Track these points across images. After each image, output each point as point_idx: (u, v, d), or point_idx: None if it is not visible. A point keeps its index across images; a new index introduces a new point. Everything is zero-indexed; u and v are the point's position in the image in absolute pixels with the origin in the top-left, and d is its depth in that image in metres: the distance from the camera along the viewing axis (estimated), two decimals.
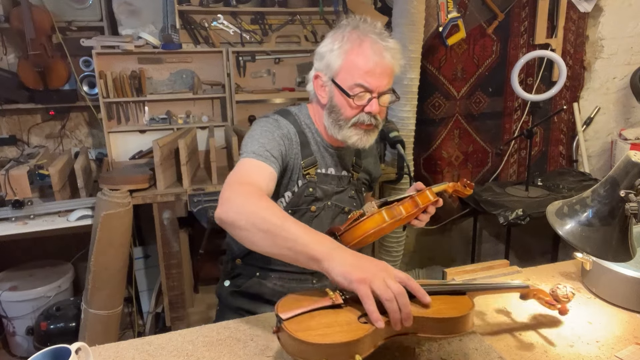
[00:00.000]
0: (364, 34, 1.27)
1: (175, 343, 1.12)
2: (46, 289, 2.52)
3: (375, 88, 1.26)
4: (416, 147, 2.83)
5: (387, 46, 1.27)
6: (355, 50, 1.26)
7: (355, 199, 1.48)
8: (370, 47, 1.25)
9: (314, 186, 1.38)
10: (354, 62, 1.26)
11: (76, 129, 2.84)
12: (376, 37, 1.27)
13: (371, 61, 1.25)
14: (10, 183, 2.25)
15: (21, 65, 2.51)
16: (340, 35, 1.29)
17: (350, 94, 1.26)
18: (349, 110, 1.29)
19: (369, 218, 1.16)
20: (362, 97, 1.27)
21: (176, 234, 2.40)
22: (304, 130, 1.38)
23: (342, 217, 1.43)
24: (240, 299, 1.47)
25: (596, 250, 1.07)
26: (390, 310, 0.88)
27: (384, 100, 1.31)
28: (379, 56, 1.25)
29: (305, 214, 1.38)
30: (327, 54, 1.30)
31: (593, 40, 3.26)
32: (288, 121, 1.36)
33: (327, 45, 1.31)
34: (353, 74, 1.26)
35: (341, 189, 1.43)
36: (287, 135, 1.33)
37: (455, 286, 1.08)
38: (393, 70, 1.29)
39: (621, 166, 1.03)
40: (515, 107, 3.21)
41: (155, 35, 2.66)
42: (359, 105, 1.28)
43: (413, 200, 1.24)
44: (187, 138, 2.38)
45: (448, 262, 3.38)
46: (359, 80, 1.26)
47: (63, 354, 0.93)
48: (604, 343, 1.10)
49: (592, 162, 3.48)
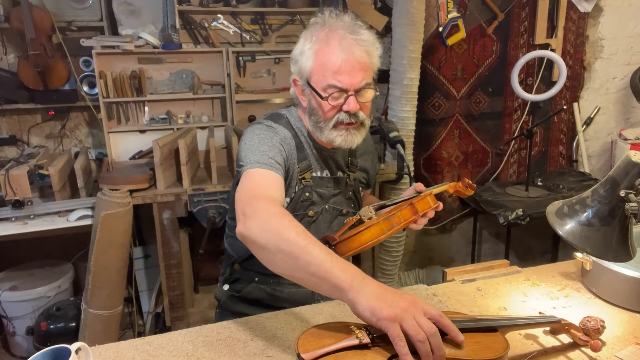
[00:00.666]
0: (332, 31, 1.23)
1: (175, 343, 1.12)
2: (46, 289, 2.52)
3: (349, 86, 1.22)
4: (416, 147, 2.83)
5: (358, 39, 1.22)
6: (323, 49, 1.22)
7: (353, 200, 1.46)
8: (338, 44, 1.21)
9: (310, 190, 1.35)
10: (322, 63, 1.22)
11: (76, 129, 2.84)
12: (344, 32, 1.22)
13: (339, 59, 1.20)
14: (10, 183, 2.25)
15: (21, 65, 2.51)
16: (310, 35, 1.26)
17: (324, 95, 1.23)
18: (327, 111, 1.25)
19: (366, 230, 1.11)
20: (338, 97, 1.23)
21: (176, 234, 2.40)
22: (297, 134, 1.35)
23: (339, 219, 1.42)
24: (240, 304, 1.45)
25: (596, 250, 1.07)
26: (423, 352, 0.83)
27: (365, 96, 1.26)
28: (347, 52, 1.20)
29: (303, 219, 1.36)
30: (299, 57, 1.27)
31: (593, 40, 3.26)
32: (282, 125, 1.33)
33: (299, 47, 1.28)
34: (324, 74, 1.22)
35: (338, 191, 1.41)
36: (285, 139, 1.30)
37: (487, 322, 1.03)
38: (368, 63, 1.24)
39: (621, 166, 1.03)
40: (515, 107, 3.21)
41: (155, 35, 2.66)
42: (335, 106, 1.24)
43: (412, 207, 1.21)
44: (187, 138, 2.38)
45: (448, 262, 3.38)
46: (331, 81, 1.22)
47: (63, 354, 0.93)
48: (604, 343, 1.10)
49: (592, 162, 3.48)
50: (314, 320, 1.21)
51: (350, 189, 1.45)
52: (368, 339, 0.91)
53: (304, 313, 1.25)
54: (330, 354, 0.88)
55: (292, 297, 1.41)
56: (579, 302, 1.28)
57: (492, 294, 1.34)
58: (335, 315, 1.24)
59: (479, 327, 1.01)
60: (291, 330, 1.16)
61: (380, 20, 2.92)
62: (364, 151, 1.52)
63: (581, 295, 1.32)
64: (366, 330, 0.94)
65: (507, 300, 1.30)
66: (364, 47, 1.23)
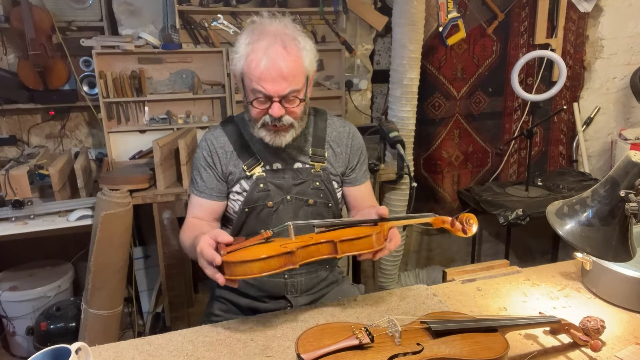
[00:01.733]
0: (262, 35, 1.27)
1: (175, 343, 1.12)
2: (46, 289, 2.51)
3: (273, 93, 1.27)
4: (416, 147, 2.83)
5: (285, 48, 1.25)
6: (252, 54, 1.26)
7: (324, 191, 1.45)
8: (264, 52, 1.24)
9: (264, 182, 1.40)
10: (249, 67, 1.27)
11: (76, 129, 2.84)
12: (273, 40, 1.25)
13: (262, 66, 1.24)
14: (10, 183, 2.25)
15: (21, 65, 2.50)
16: (245, 35, 1.30)
17: (250, 98, 1.30)
18: (254, 111, 1.32)
19: (244, 263, 1.04)
20: (264, 101, 1.29)
21: (176, 234, 2.40)
22: (242, 135, 1.44)
23: (306, 210, 1.44)
24: (222, 289, 1.52)
25: (596, 250, 1.07)
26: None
27: (292, 102, 1.30)
28: (271, 61, 1.24)
29: (263, 210, 1.41)
30: (234, 56, 1.31)
31: (593, 40, 3.26)
32: (224, 131, 1.45)
33: (235, 45, 1.32)
34: (250, 78, 1.27)
35: (300, 182, 1.43)
36: (211, 152, 1.44)
37: (487, 322, 1.04)
38: (295, 71, 1.27)
39: (621, 166, 1.03)
40: (515, 107, 3.21)
41: (155, 35, 2.66)
42: (261, 109, 1.30)
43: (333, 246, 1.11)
44: (187, 138, 2.38)
45: (448, 262, 3.38)
46: (255, 86, 1.27)
47: (63, 354, 0.93)
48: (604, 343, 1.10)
49: (592, 162, 3.48)
50: (314, 320, 1.21)
51: (317, 179, 1.45)
52: (368, 339, 0.91)
53: (304, 313, 1.25)
54: (330, 354, 0.88)
55: (263, 286, 1.47)
56: (579, 302, 1.28)
57: (492, 294, 1.34)
58: (336, 315, 1.24)
59: (479, 327, 1.02)
60: (291, 330, 1.17)
61: (380, 20, 2.92)
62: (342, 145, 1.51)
63: (581, 295, 1.32)
64: (366, 331, 0.94)
65: (507, 300, 1.30)
66: (291, 57, 1.26)
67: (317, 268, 1.50)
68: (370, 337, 0.92)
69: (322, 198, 1.46)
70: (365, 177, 1.57)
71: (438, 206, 3.19)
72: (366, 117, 3.09)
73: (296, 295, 1.47)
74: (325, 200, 1.46)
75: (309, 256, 1.10)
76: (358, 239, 1.11)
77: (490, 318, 1.08)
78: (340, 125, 1.53)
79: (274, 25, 1.30)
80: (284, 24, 1.31)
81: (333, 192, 1.49)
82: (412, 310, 1.25)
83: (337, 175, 1.51)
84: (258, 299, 1.47)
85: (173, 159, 2.45)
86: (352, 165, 1.53)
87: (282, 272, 1.42)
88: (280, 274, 1.43)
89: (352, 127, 1.56)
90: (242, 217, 1.43)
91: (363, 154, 1.57)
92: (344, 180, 1.53)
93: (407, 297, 1.32)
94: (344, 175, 1.53)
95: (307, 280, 1.48)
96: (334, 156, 1.50)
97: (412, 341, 0.95)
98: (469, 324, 1.02)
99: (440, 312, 1.19)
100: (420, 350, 0.93)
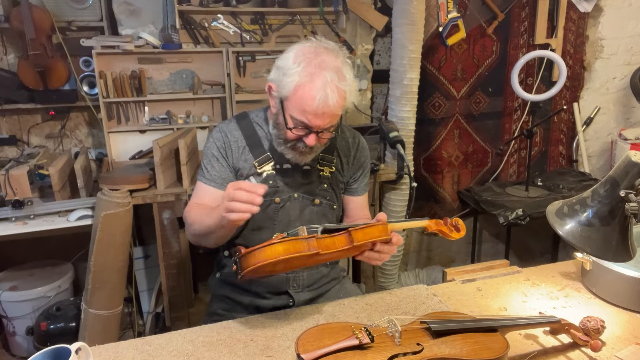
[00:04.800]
0: (321, 69, 1.27)
1: (175, 343, 1.12)
2: (46, 289, 2.51)
3: (315, 127, 1.30)
4: (416, 147, 2.83)
5: (339, 87, 1.27)
6: (307, 86, 1.26)
7: (330, 193, 1.49)
8: (322, 87, 1.25)
9: (274, 179, 1.43)
10: (301, 98, 1.27)
11: (76, 129, 2.84)
12: (331, 75, 1.26)
13: (316, 103, 1.25)
14: (10, 183, 2.25)
15: (21, 65, 2.50)
16: (302, 58, 1.29)
17: (290, 125, 1.31)
18: (288, 133, 1.33)
19: (267, 247, 1.04)
20: (301, 129, 1.31)
21: (176, 234, 2.40)
22: (256, 132, 1.46)
23: (311, 209, 1.46)
24: (224, 287, 1.53)
25: (596, 250, 1.07)
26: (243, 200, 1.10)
27: (325, 134, 1.34)
28: (324, 99, 1.25)
29: (270, 205, 1.43)
30: (283, 72, 1.31)
31: (593, 40, 3.26)
32: (238, 126, 1.47)
33: (286, 60, 1.32)
34: (297, 108, 1.28)
35: (308, 182, 1.46)
36: (225, 143, 1.45)
37: (487, 322, 1.05)
38: (340, 108, 1.30)
39: (621, 166, 1.03)
40: (515, 107, 3.21)
41: (155, 35, 2.66)
42: (298, 135, 1.32)
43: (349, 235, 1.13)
44: (187, 138, 2.38)
45: (448, 262, 3.38)
46: (300, 117, 1.29)
47: (63, 354, 0.93)
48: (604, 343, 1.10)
49: (592, 162, 3.48)
50: (314, 320, 1.21)
51: (326, 181, 1.49)
52: (368, 339, 0.91)
53: (304, 313, 1.25)
54: (330, 354, 0.88)
55: (265, 282, 1.47)
56: (579, 302, 1.28)
57: (492, 294, 1.34)
58: (336, 315, 1.24)
59: (479, 327, 1.02)
60: (291, 330, 1.17)
61: (380, 20, 2.92)
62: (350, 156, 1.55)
63: (581, 295, 1.32)
64: (366, 331, 0.94)
65: (507, 300, 1.30)
66: (343, 94, 1.29)
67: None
68: (370, 337, 0.92)
69: (329, 200, 1.49)
70: (365, 190, 1.62)
71: (438, 206, 3.19)
72: (366, 117, 3.08)
73: (298, 290, 1.48)
74: (331, 202, 1.50)
75: (327, 248, 1.08)
76: (370, 227, 1.13)
77: (490, 318, 1.08)
78: (349, 135, 1.57)
79: (331, 57, 1.30)
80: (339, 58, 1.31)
81: (339, 196, 1.54)
82: (412, 310, 1.25)
83: (342, 182, 1.55)
84: (260, 296, 1.48)
85: (173, 159, 2.45)
86: (356, 176, 1.58)
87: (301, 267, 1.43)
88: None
89: (361, 138, 1.60)
90: None
91: (367, 167, 1.61)
92: (346, 189, 1.58)
93: (407, 297, 1.32)
94: (347, 184, 1.57)
95: (309, 275, 1.49)
96: (341, 164, 1.54)
97: (412, 341, 0.95)
98: (469, 324, 1.02)
99: (440, 312, 1.19)
100: (420, 350, 0.93)
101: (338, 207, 1.53)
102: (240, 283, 1.16)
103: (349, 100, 1.32)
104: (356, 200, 1.59)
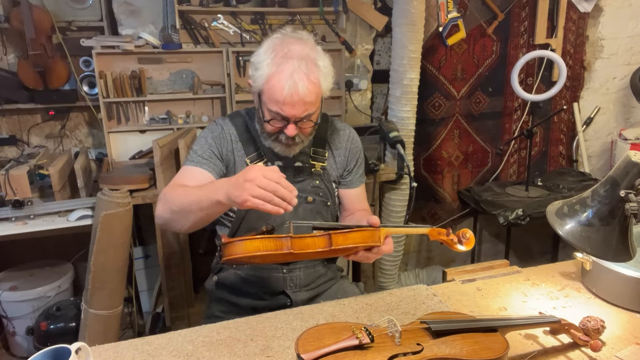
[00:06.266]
0: (287, 59, 1.27)
1: (175, 343, 1.12)
2: (46, 289, 2.51)
3: (291, 116, 1.30)
4: (416, 147, 2.83)
5: (308, 74, 1.27)
6: (276, 76, 1.27)
7: (323, 190, 1.49)
8: (289, 75, 1.26)
9: None
10: (272, 88, 1.28)
11: (76, 129, 2.84)
12: (298, 63, 1.27)
13: (285, 92, 1.26)
14: (10, 183, 2.25)
15: (21, 65, 2.50)
16: (271, 50, 1.31)
17: (267, 118, 1.32)
18: (269, 128, 1.35)
19: (249, 240, 1.07)
20: (279, 121, 1.32)
21: (176, 234, 2.40)
22: (248, 130, 1.47)
23: (305, 207, 1.46)
24: (222, 290, 1.53)
25: (596, 250, 1.07)
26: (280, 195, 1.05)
27: (306, 123, 1.34)
28: (294, 87, 1.26)
29: None
30: (255, 68, 1.32)
31: (593, 40, 3.26)
32: (232, 123, 1.47)
33: (259, 57, 1.33)
34: (270, 99, 1.30)
35: (301, 179, 1.46)
36: (221, 135, 1.44)
37: (487, 322, 1.05)
38: (314, 95, 1.30)
39: (621, 166, 1.03)
40: (515, 107, 3.21)
41: (155, 35, 2.66)
42: (277, 127, 1.33)
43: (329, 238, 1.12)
44: (187, 138, 2.38)
45: (448, 262, 3.38)
46: (274, 108, 1.30)
47: (63, 354, 0.93)
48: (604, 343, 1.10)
49: (592, 162, 3.48)
50: (314, 320, 1.21)
51: (317, 177, 1.49)
52: (368, 339, 0.91)
53: (304, 313, 1.25)
54: (330, 354, 0.88)
55: (262, 282, 1.48)
56: (579, 302, 1.28)
57: (492, 294, 1.34)
58: (336, 315, 1.24)
59: (479, 327, 1.02)
60: (291, 330, 1.17)
61: (380, 20, 2.92)
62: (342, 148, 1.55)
63: (581, 295, 1.32)
64: (366, 331, 0.94)
65: (507, 300, 1.30)
66: (312, 84, 1.29)
67: (315, 263, 1.52)
68: (370, 337, 0.92)
69: (322, 197, 1.49)
70: (361, 181, 1.61)
71: (438, 206, 3.19)
72: (366, 117, 3.09)
73: (295, 290, 1.48)
74: (325, 198, 1.50)
75: (305, 247, 1.09)
76: (352, 232, 1.13)
77: (490, 318, 1.08)
78: (340, 128, 1.57)
79: (298, 45, 1.31)
80: (307, 45, 1.32)
81: (332, 191, 1.53)
82: (412, 310, 1.25)
83: (335, 176, 1.54)
84: (258, 297, 1.48)
85: (173, 159, 2.45)
86: (350, 168, 1.58)
87: (280, 265, 1.44)
88: (278, 268, 1.45)
89: (351, 130, 1.60)
90: (242, 211, 1.45)
91: (360, 158, 1.61)
92: (340, 182, 1.57)
93: (407, 297, 1.32)
94: (340, 177, 1.57)
95: (306, 275, 1.49)
96: (333, 158, 1.54)
97: (412, 341, 0.95)
98: (469, 324, 1.02)
99: (440, 312, 1.19)
100: (420, 350, 0.93)
101: (332, 203, 1.52)
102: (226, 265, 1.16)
103: (323, 85, 1.33)
104: (352, 192, 1.59)
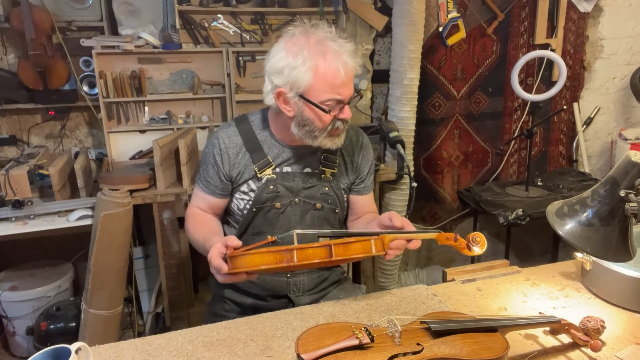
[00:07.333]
0: (323, 44, 1.27)
1: (175, 343, 1.12)
2: (46, 289, 2.51)
3: (346, 97, 1.30)
4: (416, 147, 2.83)
5: (347, 50, 1.28)
6: (322, 66, 1.26)
7: (332, 197, 1.47)
8: (335, 58, 1.26)
9: (274, 183, 1.41)
10: (325, 79, 1.26)
11: (76, 129, 2.84)
12: (335, 45, 1.27)
13: (342, 72, 1.26)
14: (10, 183, 2.25)
15: (21, 65, 2.50)
16: (298, 48, 1.27)
17: (326, 109, 1.29)
18: (323, 121, 1.32)
19: (254, 254, 1.09)
20: (335, 107, 1.30)
21: (176, 234, 2.40)
22: (255, 137, 1.44)
23: (313, 214, 1.45)
24: (224, 289, 1.54)
25: (596, 250, 1.07)
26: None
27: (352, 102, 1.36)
28: (344, 65, 1.26)
29: (270, 210, 1.42)
30: (288, 71, 1.28)
31: (593, 40, 3.26)
32: (238, 130, 1.45)
33: (284, 60, 1.29)
34: (326, 88, 1.27)
35: (310, 186, 1.44)
36: (223, 151, 1.43)
37: (487, 322, 1.05)
38: (358, 69, 1.32)
39: (621, 166, 1.03)
40: (515, 107, 3.21)
41: (155, 35, 2.66)
42: (334, 115, 1.31)
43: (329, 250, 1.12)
44: (187, 138, 2.38)
45: (448, 262, 3.38)
46: (333, 95, 1.28)
47: (63, 354, 0.93)
48: (604, 343, 1.10)
49: (592, 162, 3.48)
50: (314, 320, 1.21)
51: (327, 184, 1.46)
52: (368, 339, 0.91)
53: (304, 313, 1.25)
54: (330, 354, 0.88)
55: (265, 284, 1.48)
56: (579, 302, 1.28)
57: (492, 294, 1.34)
58: (335, 315, 1.24)
59: (479, 327, 1.02)
60: (291, 330, 1.17)
61: (380, 20, 2.92)
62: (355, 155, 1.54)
63: (581, 295, 1.32)
64: (366, 331, 0.94)
65: (507, 300, 1.30)
66: (352, 56, 1.30)
67: (318, 268, 1.51)
68: (370, 337, 0.92)
69: (330, 204, 1.47)
70: (371, 187, 1.60)
71: (438, 206, 3.19)
72: (366, 117, 3.08)
73: (298, 294, 1.48)
74: (333, 205, 1.47)
75: (305, 258, 1.10)
76: (353, 243, 1.12)
77: (490, 318, 1.08)
78: (353, 134, 1.55)
79: (319, 31, 1.30)
80: (324, 28, 1.32)
81: (341, 198, 1.50)
82: (412, 310, 1.25)
83: (345, 183, 1.52)
84: (261, 298, 1.48)
85: (173, 159, 2.45)
86: (362, 176, 1.56)
87: (283, 271, 1.44)
88: (283, 273, 1.45)
89: (365, 137, 1.59)
90: (249, 216, 1.44)
91: (372, 165, 1.60)
92: (352, 189, 1.55)
93: (407, 297, 1.32)
94: (353, 184, 1.55)
95: (310, 280, 1.48)
96: (344, 165, 1.51)
97: (412, 341, 0.95)
98: (469, 324, 1.02)
99: (440, 312, 1.19)
100: (420, 350, 0.93)
101: (341, 210, 1.50)
102: None
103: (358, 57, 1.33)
104: (362, 198, 1.57)
